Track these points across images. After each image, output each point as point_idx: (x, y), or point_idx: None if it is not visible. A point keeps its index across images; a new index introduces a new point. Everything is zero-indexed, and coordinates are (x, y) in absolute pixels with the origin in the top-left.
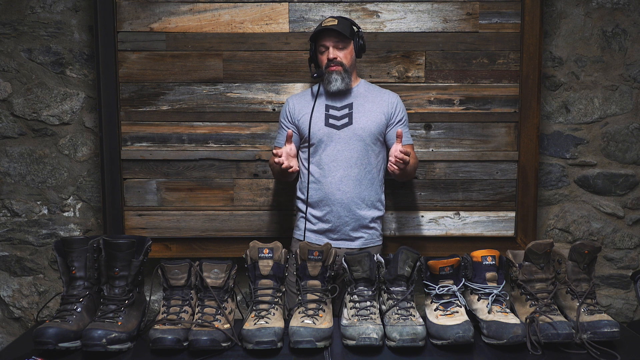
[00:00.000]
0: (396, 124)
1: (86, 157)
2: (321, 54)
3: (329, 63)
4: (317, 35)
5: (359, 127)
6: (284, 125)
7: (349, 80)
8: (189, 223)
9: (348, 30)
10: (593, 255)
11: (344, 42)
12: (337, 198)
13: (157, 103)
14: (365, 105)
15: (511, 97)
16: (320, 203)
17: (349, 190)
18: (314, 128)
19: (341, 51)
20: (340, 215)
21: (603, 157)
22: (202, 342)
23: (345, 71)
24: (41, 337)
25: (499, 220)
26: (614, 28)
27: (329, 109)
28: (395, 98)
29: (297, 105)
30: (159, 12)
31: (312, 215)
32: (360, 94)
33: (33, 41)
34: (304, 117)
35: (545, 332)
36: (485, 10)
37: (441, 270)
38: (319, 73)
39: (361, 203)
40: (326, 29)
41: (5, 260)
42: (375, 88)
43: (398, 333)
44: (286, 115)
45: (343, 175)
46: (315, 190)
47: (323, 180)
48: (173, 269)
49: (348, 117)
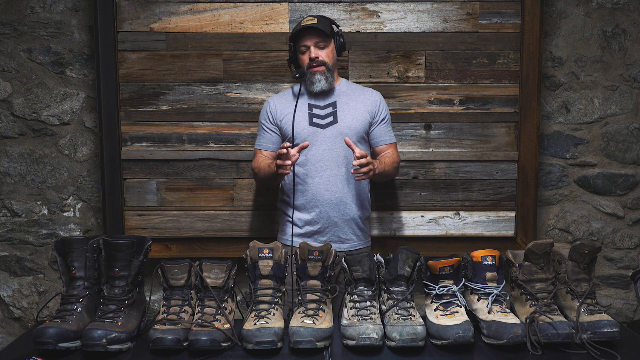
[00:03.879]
0: (380, 122)
1: (86, 157)
2: (302, 53)
3: (310, 63)
4: (297, 35)
5: (344, 126)
6: (265, 126)
7: (332, 80)
8: (189, 223)
9: (328, 29)
10: (593, 255)
11: (325, 40)
12: (326, 198)
13: (157, 103)
14: (349, 104)
15: (511, 97)
16: (308, 205)
17: (337, 190)
18: (298, 128)
19: (323, 50)
20: (330, 216)
21: (603, 157)
22: (202, 342)
23: (328, 70)
24: (41, 337)
25: (499, 220)
26: (614, 28)
27: (312, 108)
28: (378, 96)
29: (279, 106)
30: (159, 12)
31: (299, 219)
32: (342, 92)
33: (33, 41)
34: (286, 117)
35: (545, 332)
36: (485, 10)
37: (441, 270)
38: (302, 73)
39: (350, 203)
40: (307, 28)
41: (5, 260)
42: (357, 87)
43: (398, 333)
44: (267, 116)
45: (331, 174)
46: (301, 191)
47: (310, 181)
48: (173, 269)
49: (332, 115)
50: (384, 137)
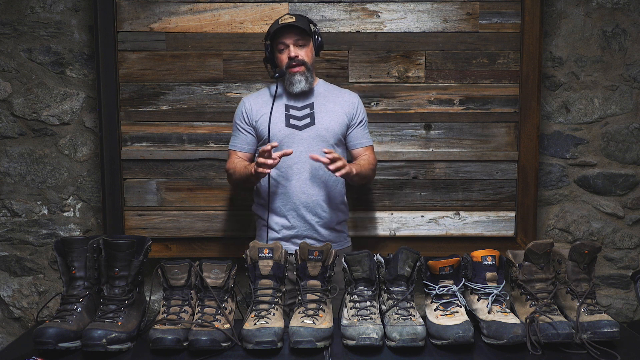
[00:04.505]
0: (357, 125)
1: (86, 157)
2: (280, 52)
3: (290, 62)
4: (275, 34)
5: (322, 128)
6: (240, 127)
7: (312, 80)
8: (189, 223)
9: (307, 27)
10: (593, 255)
11: (305, 39)
12: (303, 201)
13: (157, 103)
14: (326, 105)
15: (511, 97)
16: (284, 208)
17: (314, 192)
18: (274, 129)
19: (302, 49)
20: (307, 219)
21: (603, 157)
22: (202, 342)
23: (308, 70)
24: (41, 337)
25: (499, 220)
26: (614, 28)
27: (289, 109)
28: (356, 98)
29: (255, 106)
30: (159, 12)
31: (275, 223)
32: (320, 93)
33: (33, 41)
34: (262, 117)
35: (545, 332)
36: (485, 10)
37: (441, 270)
38: (281, 73)
39: (327, 206)
40: (286, 26)
41: (5, 260)
42: (335, 88)
43: (398, 333)
44: (242, 116)
45: (308, 177)
46: (278, 194)
47: (286, 184)
48: (173, 269)
49: (310, 117)
50: (361, 139)
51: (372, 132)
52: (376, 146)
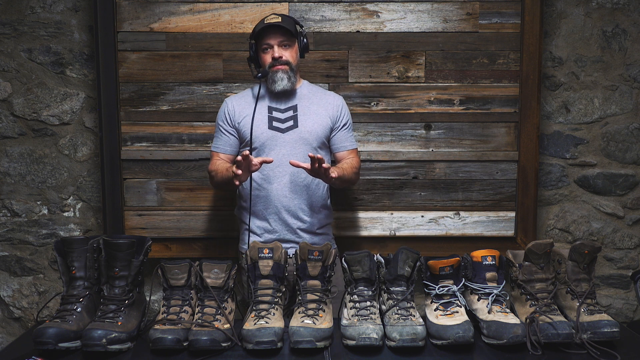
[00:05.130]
0: (341, 128)
1: (86, 157)
2: (264, 52)
3: (273, 62)
4: (260, 34)
5: (305, 130)
6: (222, 128)
7: (295, 80)
8: (189, 223)
9: (293, 28)
10: (593, 255)
11: (290, 40)
12: (285, 205)
13: (157, 103)
14: (310, 108)
15: (511, 97)
16: (266, 211)
17: (296, 196)
18: (257, 131)
19: (286, 50)
20: (288, 223)
21: (603, 157)
22: (202, 342)
23: (292, 70)
24: (41, 337)
25: (498, 220)
26: (614, 28)
27: (272, 110)
28: (340, 101)
29: (237, 107)
30: (159, 12)
31: (257, 226)
32: (304, 95)
33: (33, 41)
34: (244, 119)
35: (545, 332)
36: (485, 10)
37: (441, 270)
38: (264, 73)
39: (309, 210)
40: (271, 26)
41: (5, 260)
42: (319, 90)
43: (398, 333)
44: (225, 117)
45: (290, 180)
46: (259, 197)
47: (268, 187)
48: (173, 269)
49: (293, 119)
50: (345, 142)
51: (372, 132)
52: (376, 146)
